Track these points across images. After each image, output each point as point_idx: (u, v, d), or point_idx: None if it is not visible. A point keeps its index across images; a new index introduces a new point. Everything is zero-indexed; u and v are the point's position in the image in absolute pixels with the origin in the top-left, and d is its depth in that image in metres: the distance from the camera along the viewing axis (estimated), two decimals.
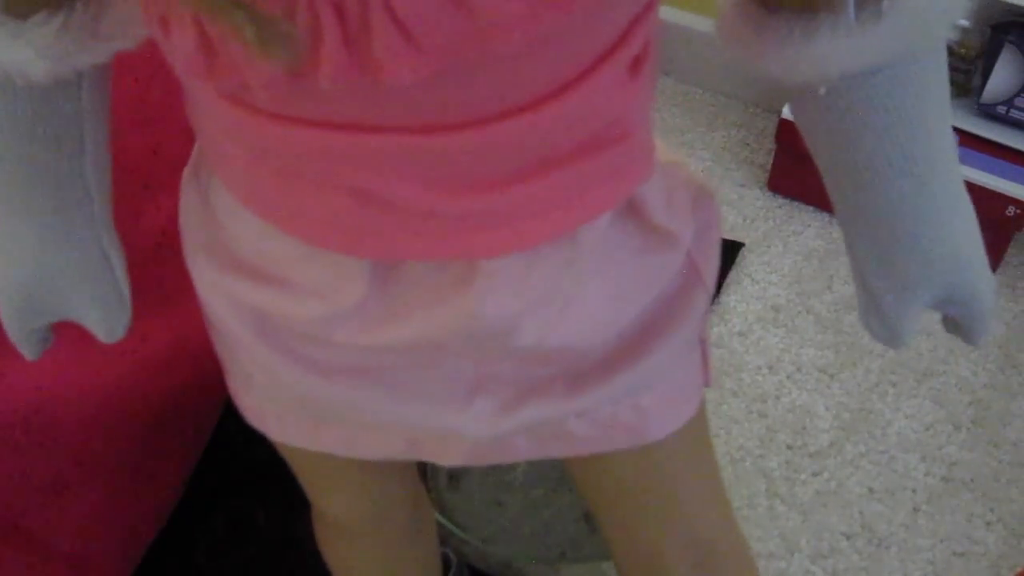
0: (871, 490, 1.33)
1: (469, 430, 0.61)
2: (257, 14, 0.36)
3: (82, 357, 0.95)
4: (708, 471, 0.73)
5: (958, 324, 0.59)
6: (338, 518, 0.85)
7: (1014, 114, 1.47)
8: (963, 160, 0.51)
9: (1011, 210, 1.47)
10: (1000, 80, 1.44)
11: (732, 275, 1.58)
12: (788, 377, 1.46)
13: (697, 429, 0.68)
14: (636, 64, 0.48)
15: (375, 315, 0.55)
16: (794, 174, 1.65)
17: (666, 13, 0.54)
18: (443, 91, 0.42)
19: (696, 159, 1.79)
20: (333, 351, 0.57)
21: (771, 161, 1.70)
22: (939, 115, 0.50)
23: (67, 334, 0.65)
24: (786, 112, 1.56)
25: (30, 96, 0.53)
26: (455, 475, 1.26)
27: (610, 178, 0.52)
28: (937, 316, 0.60)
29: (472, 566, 1.19)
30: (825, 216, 1.64)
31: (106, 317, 0.63)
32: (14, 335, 0.63)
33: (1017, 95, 1.45)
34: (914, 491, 1.33)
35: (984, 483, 1.34)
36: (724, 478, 1.32)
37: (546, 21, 0.38)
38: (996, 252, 1.56)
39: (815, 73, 0.46)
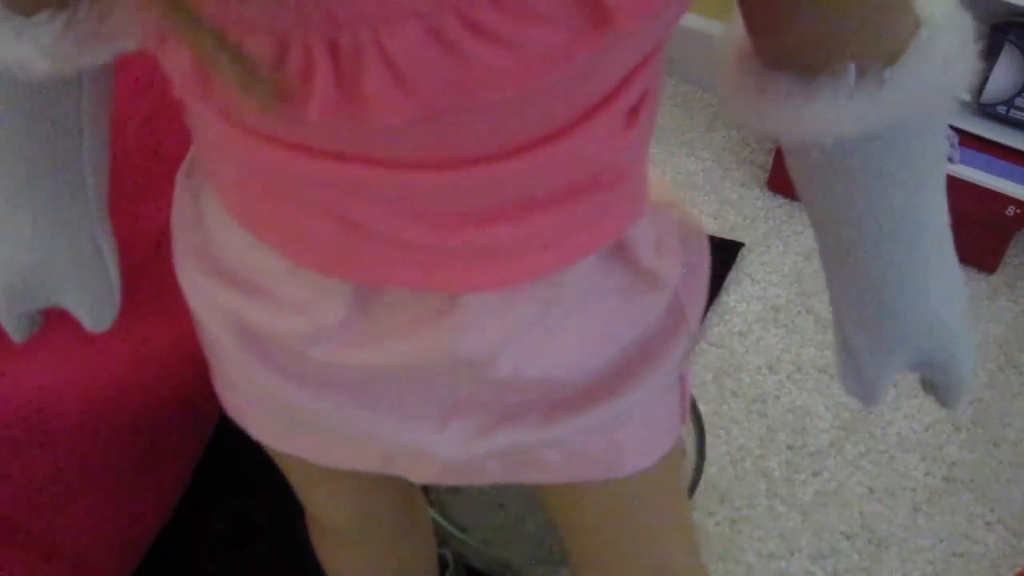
0: (871, 490, 1.33)
1: (440, 451, 0.61)
2: (242, 56, 0.36)
3: (82, 357, 0.95)
4: (676, 505, 0.73)
5: (935, 386, 0.60)
6: (326, 521, 0.85)
7: (1014, 114, 1.47)
8: (963, 160, 0.51)
9: (1011, 210, 1.47)
10: (1000, 80, 1.44)
11: (732, 275, 1.58)
12: (788, 377, 1.46)
13: (669, 465, 0.68)
14: (633, 112, 0.47)
15: (354, 336, 0.54)
16: None
17: None
18: (432, 132, 0.42)
19: (696, 159, 1.79)
20: (310, 364, 0.57)
21: (771, 161, 1.70)
22: (932, 180, 0.50)
23: (67, 334, 0.65)
24: None
25: (30, 91, 0.53)
26: None
27: (598, 221, 0.51)
28: None
29: (471, 567, 1.19)
30: None
31: (94, 306, 0.63)
32: (3, 317, 0.64)
33: (1017, 95, 1.45)
34: (914, 491, 1.33)
35: (984, 483, 1.34)
36: (724, 478, 1.32)
37: (539, 76, 0.38)
38: (996, 252, 1.56)
39: (811, 135, 0.46)
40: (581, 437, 0.61)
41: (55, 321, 0.64)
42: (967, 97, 1.50)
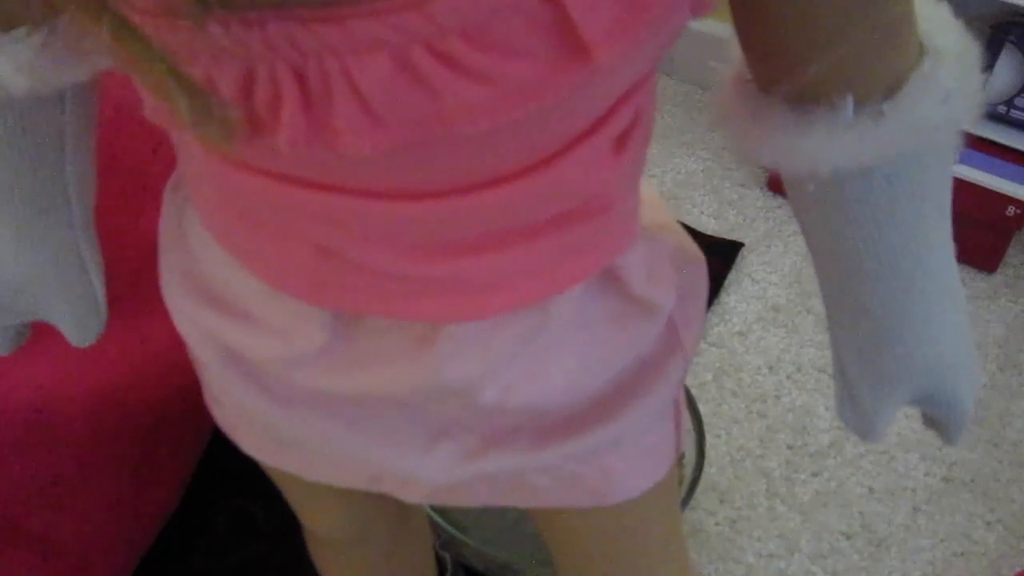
0: (871, 490, 1.33)
1: (427, 474, 0.60)
2: (193, 88, 0.35)
3: (82, 358, 0.95)
4: (670, 533, 0.72)
5: (936, 422, 0.59)
6: (320, 531, 0.85)
7: (1014, 114, 1.47)
8: (963, 160, 0.50)
9: (1011, 210, 1.47)
10: (1000, 80, 1.44)
11: (732, 275, 1.58)
12: (788, 377, 1.46)
13: (663, 494, 0.66)
14: (622, 140, 0.45)
15: (335, 362, 0.54)
16: None
17: None
18: (408, 162, 0.41)
19: (696, 159, 1.79)
20: (294, 388, 0.57)
21: None
22: (936, 215, 0.49)
23: None
24: None
25: (10, 106, 0.53)
26: None
27: (585, 250, 0.50)
28: None
29: (471, 568, 1.19)
30: None
31: (78, 323, 0.63)
32: None
33: (1017, 95, 1.45)
34: (914, 491, 1.33)
35: (984, 483, 1.34)
36: (724, 478, 1.32)
37: (516, 109, 0.37)
38: (996, 252, 1.56)
39: (807, 166, 0.45)
40: (571, 463, 0.60)
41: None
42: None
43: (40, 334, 0.67)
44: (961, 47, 0.44)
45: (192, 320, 0.59)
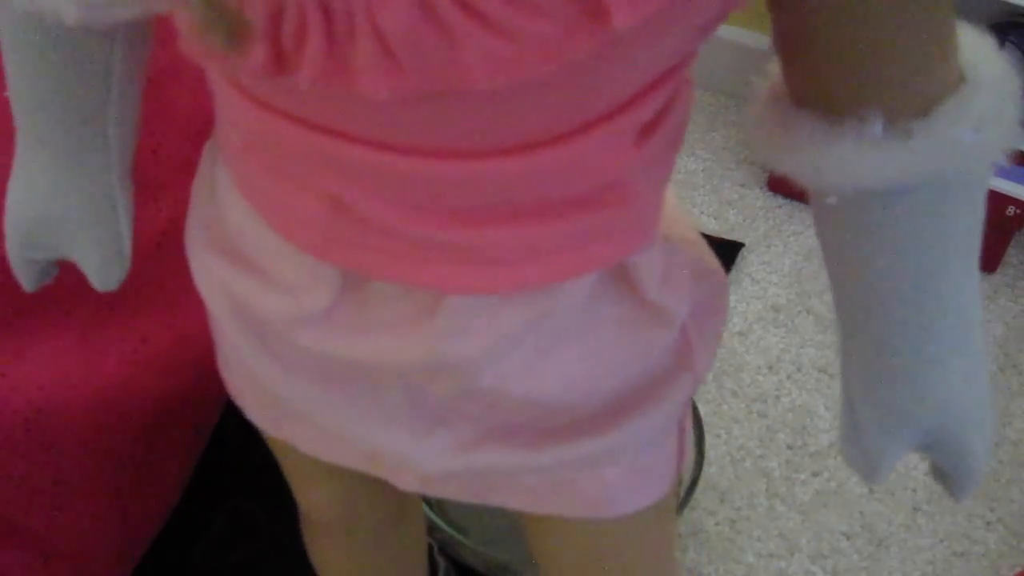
0: (871, 490, 1.33)
1: (421, 460, 0.60)
2: None
3: (83, 357, 0.95)
4: (661, 558, 0.71)
5: (944, 473, 0.57)
6: (312, 511, 0.85)
7: None
8: None
9: (1011, 210, 1.47)
10: None
11: (732, 275, 1.58)
12: (788, 377, 1.46)
13: (658, 515, 0.65)
14: (645, 132, 0.45)
15: (339, 325, 0.54)
16: None
17: None
18: (423, 115, 0.41)
19: (696, 159, 1.79)
20: (299, 352, 0.57)
21: None
22: (963, 253, 0.48)
23: (67, 334, 0.65)
24: None
25: (62, 38, 0.54)
26: None
27: (597, 241, 0.49)
28: None
29: (470, 568, 1.19)
30: None
31: (103, 264, 0.64)
32: (14, 262, 0.65)
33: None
34: (914, 491, 1.33)
35: (984, 483, 1.33)
36: (724, 478, 1.32)
37: (534, 67, 0.37)
38: (996, 252, 1.56)
39: (832, 181, 0.45)
40: (566, 469, 0.60)
41: (55, 321, 0.65)
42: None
43: (39, 334, 0.67)
44: (1002, 77, 0.44)
45: (209, 273, 0.60)
